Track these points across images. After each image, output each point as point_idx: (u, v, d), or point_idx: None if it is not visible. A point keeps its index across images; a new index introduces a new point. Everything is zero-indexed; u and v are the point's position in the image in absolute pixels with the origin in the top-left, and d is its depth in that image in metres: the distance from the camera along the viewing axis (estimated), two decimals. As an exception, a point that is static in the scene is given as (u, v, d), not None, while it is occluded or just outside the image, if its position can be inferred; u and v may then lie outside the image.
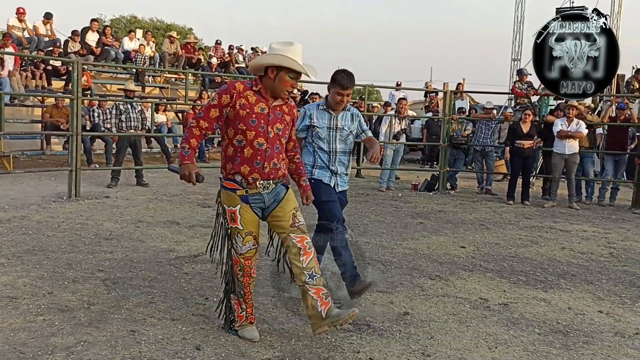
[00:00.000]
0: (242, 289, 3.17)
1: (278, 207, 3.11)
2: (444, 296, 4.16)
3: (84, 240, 5.26)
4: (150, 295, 3.85)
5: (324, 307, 3.00)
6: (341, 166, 3.98)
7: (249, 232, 3.08)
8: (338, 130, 3.93)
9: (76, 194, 7.48)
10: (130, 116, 8.74)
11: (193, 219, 6.53)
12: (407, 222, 7.03)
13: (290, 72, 2.98)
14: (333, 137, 3.93)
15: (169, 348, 3.04)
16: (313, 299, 3.02)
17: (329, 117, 3.93)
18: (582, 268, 5.18)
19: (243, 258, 3.13)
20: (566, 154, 8.70)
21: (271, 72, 2.98)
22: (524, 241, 6.24)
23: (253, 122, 2.98)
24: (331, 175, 3.95)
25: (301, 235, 3.07)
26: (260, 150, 3.01)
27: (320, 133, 3.92)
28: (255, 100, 3.00)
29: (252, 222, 3.09)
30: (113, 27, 32.44)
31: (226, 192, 3.08)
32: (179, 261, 4.74)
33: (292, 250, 3.07)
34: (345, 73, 3.84)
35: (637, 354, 3.27)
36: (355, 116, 4.02)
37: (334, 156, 3.94)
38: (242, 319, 3.20)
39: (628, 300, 4.28)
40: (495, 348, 3.26)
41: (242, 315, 3.20)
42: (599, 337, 3.50)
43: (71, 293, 3.81)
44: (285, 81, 2.98)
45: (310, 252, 3.06)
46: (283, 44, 3.01)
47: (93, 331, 3.20)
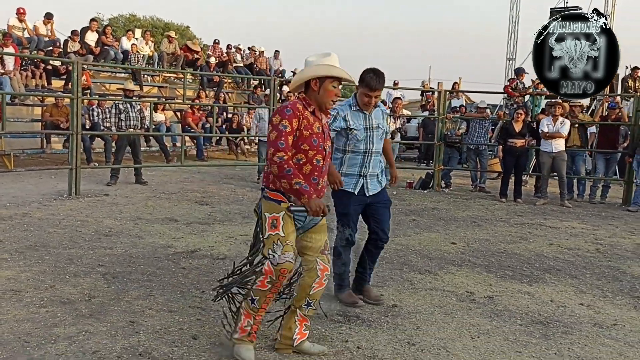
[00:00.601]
0: (261, 304, 2.93)
1: (315, 227, 3.03)
2: (432, 289, 4.32)
3: (84, 237, 5.41)
4: (148, 289, 4.01)
5: (299, 337, 3.05)
6: (375, 167, 3.82)
7: (290, 243, 2.87)
8: (374, 129, 3.79)
9: (76, 192, 7.62)
10: (130, 115, 8.89)
11: (191, 216, 6.69)
12: (400, 220, 7.18)
13: (333, 82, 2.97)
14: (370, 138, 3.77)
15: (167, 337, 3.19)
16: (295, 324, 3.04)
17: (364, 118, 3.77)
18: (568, 263, 5.34)
19: (279, 269, 2.82)
20: (553, 152, 8.86)
21: (314, 84, 2.96)
22: (514, 237, 6.40)
23: (315, 141, 2.93)
24: (357, 181, 3.81)
25: (326, 265, 3.03)
26: (318, 167, 2.97)
27: (358, 135, 3.75)
28: (313, 120, 2.96)
29: (293, 233, 2.92)
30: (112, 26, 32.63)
31: (269, 202, 2.92)
32: (177, 256, 4.89)
33: (310, 274, 2.99)
34: (374, 73, 3.66)
35: (613, 343, 3.43)
36: (384, 113, 3.89)
37: (369, 157, 3.79)
38: (244, 333, 2.96)
39: (609, 294, 4.44)
40: (477, 337, 3.42)
41: (245, 330, 2.96)
42: (578, 328, 3.66)
43: (72, 286, 3.97)
44: (329, 91, 2.96)
45: (324, 284, 3.03)
46: (320, 55, 3.03)
47: (94, 322, 3.35)
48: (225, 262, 4.77)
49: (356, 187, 3.80)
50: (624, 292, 4.51)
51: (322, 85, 2.95)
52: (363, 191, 3.80)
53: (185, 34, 38.68)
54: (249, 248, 3.24)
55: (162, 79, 15.41)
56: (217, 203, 7.68)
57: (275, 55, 17.57)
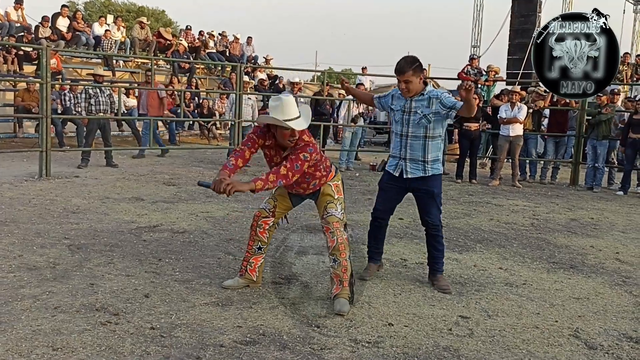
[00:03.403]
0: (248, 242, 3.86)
1: (317, 200, 3.69)
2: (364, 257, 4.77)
3: (53, 214, 5.76)
4: (109, 257, 4.40)
5: (334, 292, 3.57)
6: (413, 151, 3.89)
7: (272, 197, 3.77)
8: (411, 114, 3.86)
9: (47, 174, 7.93)
10: (99, 100, 9.16)
11: (157, 196, 7.05)
12: (357, 199, 7.64)
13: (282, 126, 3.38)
14: (406, 121, 3.88)
15: (122, 296, 3.60)
16: (332, 280, 3.61)
17: (404, 102, 3.90)
18: (501, 235, 5.85)
19: (254, 213, 3.80)
20: (510, 136, 9.40)
21: (272, 128, 3.47)
22: (459, 214, 6.90)
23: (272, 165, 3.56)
24: (398, 163, 3.97)
25: (326, 226, 3.60)
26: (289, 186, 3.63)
27: (395, 116, 3.95)
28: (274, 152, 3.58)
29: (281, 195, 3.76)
30: (87, 10, 32.31)
31: None
32: (139, 230, 5.28)
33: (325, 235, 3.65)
34: (403, 58, 3.78)
35: (517, 298, 3.93)
36: (433, 99, 3.81)
37: (405, 140, 3.91)
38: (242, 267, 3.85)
39: (529, 260, 4.95)
40: (399, 295, 3.89)
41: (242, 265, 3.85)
42: (490, 287, 4.15)
43: (39, 256, 4.34)
44: (283, 133, 3.40)
45: (333, 241, 3.54)
46: (275, 100, 3.43)
47: (57, 284, 3.74)
48: (184, 235, 5.18)
49: (396, 169, 3.99)
50: (542, 258, 5.02)
51: (277, 130, 3.43)
52: (402, 174, 3.95)
53: (161, 18, 38.49)
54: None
55: (134, 65, 15.59)
56: (183, 184, 8.05)
57: (248, 41, 17.83)
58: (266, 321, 3.31)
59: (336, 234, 3.57)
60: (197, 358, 2.82)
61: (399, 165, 3.97)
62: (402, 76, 3.76)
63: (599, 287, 4.29)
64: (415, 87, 3.79)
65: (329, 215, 3.62)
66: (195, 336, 3.06)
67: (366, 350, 3.00)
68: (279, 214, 3.79)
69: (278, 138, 3.49)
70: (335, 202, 3.64)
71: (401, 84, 3.80)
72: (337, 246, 3.56)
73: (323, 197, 3.66)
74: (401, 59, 3.81)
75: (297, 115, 3.40)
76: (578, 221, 6.80)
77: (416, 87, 3.80)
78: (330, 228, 3.59)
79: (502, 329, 3.37)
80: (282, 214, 3.83)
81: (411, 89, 3.79)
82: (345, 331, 3.23)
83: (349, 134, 10.47)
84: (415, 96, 3.84)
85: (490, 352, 3.06)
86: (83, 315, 3.26)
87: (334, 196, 3.65)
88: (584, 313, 3.71)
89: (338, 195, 3.67)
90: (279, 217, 3.81)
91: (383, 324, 3.36)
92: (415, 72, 3.76)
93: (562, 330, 3.40)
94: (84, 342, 2.91)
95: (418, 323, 3.41)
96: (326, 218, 3.63)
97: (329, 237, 3.60)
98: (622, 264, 4.98)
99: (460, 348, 3.09)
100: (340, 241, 3.56)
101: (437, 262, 4.16)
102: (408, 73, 3.74)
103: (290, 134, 3.41)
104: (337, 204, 3.64)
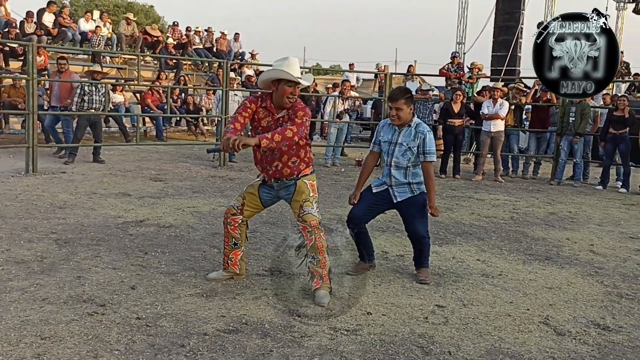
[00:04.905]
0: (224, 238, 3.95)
1: (291, 200, 3.70)
2: (352, 250, 4.90)
3: (40, 209, 5.82)
4: (96, 251, 4.48)
5: (315, 286, 3.67)
6: (398, 178, 4.10)
7: (241, 195, 3.83)
8: (397, 145, 4.08)
9: (34, 170, 7.96)
10: (93, 98, 9.17)
11: (144, 191, 7.13)
12: (341, 194, 7.76)
13: (288, 82, 3.52)
14: (391, 151, 4.10)
15: (108, 288, 3.69)
16: (311, 275, 3.70)
17: (393, 132, 4.12)
18: (480, 228, 6.01)
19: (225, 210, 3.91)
20: (492, 131, 9.58)
21: (274, 85, 3.58)
22: (441, 208, 6.94)
23: (259, 132, 3.62)
24: (383, 185, 4.18)
25: (302, 225, 3.64)
26: (264, 156, 3.67)
27: (383, 146, 4.18)
28: (264, 115, 3.65)
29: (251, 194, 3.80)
30: (73, 6, 32.03)
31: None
32: (126, 225, 5.36)
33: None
34: (397, 88, 4.11)
35: (492, 288, 4.08)
36: (419, 134, 4.04)
37: (388, 168, 4.13)
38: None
39: (506, 252, 5.11)
40: (379, 286, 4.02)
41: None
42: (467, 277, 4.30)
43: (26, 250, 4.41)
44: (284, 90, 3.53)
45: (311, 239, 3.61)
46: (280, 60, 3.61)
47: (44, 277, 3.83)
48: (170, 230, 5.27)
49: (378, 188, 4.20)
50: (519, 250, 5.19)
51: (279, 86, 3.57)
52: (390, 196, 4.15)
53: (150, 13, 38.28)
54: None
55: (121, 61, 15.58)
56: (170, 179, 8.12)
57: (235, 37, 17.86)
58: (249, 311, 3.43)
59: (314, 233, 3.63)
60: (181, 346, 2.93)
61: (384, 187, 4.18)
62: (394, 103, 4.00)
63: (572, 277, 4.45)
64: (405, 116, 4.02)
65: (305, 214, 3.65)
66: (180, 325, 3.17)
67: (344, 338, 3.12)
68: (249, 212, 3.83)
69: (276, 97, 3.59)
70: (311, 200, 3.69)
71: (392, 110, 4.03)
72: (315, 244, 3.64)
73: (298, 195, 3.68)
74: (395, 88, 4.15)
75: (301, 76, 3.59)
76: (556, 215, 6.98)
77: (406, 115, 4.03)
78: (308, 227, 3.64)
79: (476, 317, 3.51)
80: (252, 212, 3.86)
81: (401, 116, 4.02)
82: (325, 320, 3.36)
83: (335, 130, 10.59)
84: (404, 128, 4.08)
85: (463, 338, 3.20)
86: (70, 306, 3.35)
87: (309, 194, 3.69)
88: (555, 302, 3.86)
89: (313, 193, 3.72)
90: (248, 216, 3.84)
91: (362, 313, 3.49)
92: (407, 101, 4.02)
93: (533, 317, 3.55)
94: (72, 332, 3.01)
95: (396, 312, 3.54)
96: (303, 217, 3.65)
97: (307, 236, 3.66)
98: (595, 255, 5.16)
99: (434, 335, 3.22)
100: (318, 240, 3.63)
101: (422, 261, 4.27)
102: (400, 101, 3.99)
103: (291, 92, 3.54)
104: (313, 202, 3.69)
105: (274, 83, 3.60)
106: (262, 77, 3.73)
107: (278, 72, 3.55)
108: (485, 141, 9.68)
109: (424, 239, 4.16)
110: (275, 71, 3.58)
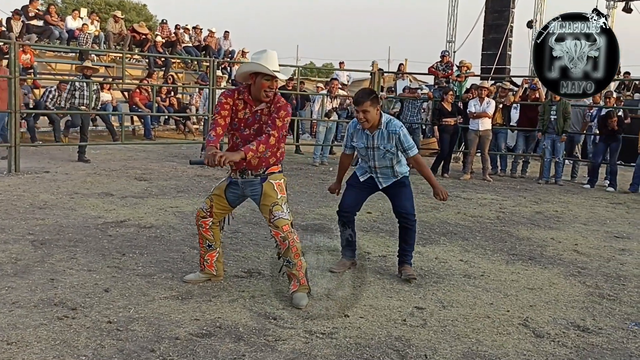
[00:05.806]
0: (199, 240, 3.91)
1: (260, 204, 3.63)
2: (334, 250, 4.85)
3: (19, 209, 5.73)
4: (73, 253, 4.40)
5: (292, 289, 3.62)
6: (383, 173, 4.17)
7: (209, 196, 3.76)
8: (375, 149, 4.07)
9: (16, 169, 7.86)
10: (84, 94, 9.09)
11: (127, 191, 7.04)
12: (328, 194, 7.67)
13: (265, 76, 3.48)
14: (371, 155, 4.11)
15: (82, 291, 3.62)
16: (288, 278, 3.66)
17: (365, 137, 4.08)
18: (465, 228, 5.97)
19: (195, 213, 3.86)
20: (479, 130, 9.55)
21: (251, 78, 3.53)
22: (427, 208, 7.00)
23: (235, 125, 3.60)
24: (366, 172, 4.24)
25: (275, 230, 3.56)
26: (237, 143, 3.61)
27: (361, 152, 4.16)
28: (242, 107, 3.60)
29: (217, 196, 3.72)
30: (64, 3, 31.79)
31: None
32: (105, 226, 5.28)
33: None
34: (361, 90, 4.09)
35: (473, 289, 4.03)
36: (392, 134, 4.02)
37: (374, 169, 4.17)
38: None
39: (489, 252, 5.07)
40: (359, 287, 3.97)
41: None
42: (449, 279, 4.25)
43: (1, 252, 4.32)
44: (262, 84, 3.49)
45: (285, 244, 3.53)
46: (257, 53, 3.57)
47: (17, 280, 3.74)
48: (151, 230, 5.20)
49: (364, 176, 4.25)
50: (503, 250, 5.15)
51: (256, 79, 3.52)
52: (374, 182, 4.22)
53: (142, 12, 38.05)
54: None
55: (109, 59, 15.45)
56: (155, 179, 8.04)
57: (225, 35, 17.76)
58: (224, 314, 3.36)
59: (287, 238, 3.55)
60: (151, 351, 2.86)
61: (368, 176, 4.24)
62: (360, 106, 3.95)
63: (554, 277, 4.41)
64: (372, 117, 3.98)
65: (276, 219, 3.55)
66: (151, 329, 3.10)
67: (319, 341, 3.07)
68: (218, 214, 3.76)
69: (254, 91, 3.56)
70: (279, 202, 3.58)
71: (359, 114, 3.97)
72: (290, 249, 3.56)
73: (265, 199, 3.59)
74: (359, 90, 4.10)
75: (278, 70, 3.54)
76: (542, 214, 6.95)
77: (373, 117, 3.99)
78: (281, 233, 3.55)
79: (455, 319, 3.46)
80: (222, 214, 3.79)
81: (369, 119, 3.97)
82: (302, 323, 3.30)
83: (323, 128, 10.53)
84: (375, 131, 4.05)
85: (441, 341, 3.16)
86: (40, 310, 3.28)
87: (276, 197, 3.59)
88: (536, 303, 3.82)
89: (281, 194, 3.62)
90: (218, 217, 3.77)
91: (339, 316, 3.43)
92: (373, 102, 3.96)
93: (513, 319, 3.51)
94: (39, 337, 2.94)
95: (374, 314, 3.49)
96: (274, 222, 3.56)
97: (280, 241, 3.56)
98: (579, 255, 5.13)
99: (411, 338, 3.17)
100: (292, 244, 3.55)
101: (407, 255, 4.27)
102: (366, 103, 3.93)
103: (269, 86, 3.50)
104: (282, 205, 3.59)
105: (251, 76, 3.56)
106: (240, 70, 3.70)
107: (255, 65, 3.51)
108: (473, 140, 9.65)
109: (412, 216, 4.20)
110: (252, 64, 3.54)
